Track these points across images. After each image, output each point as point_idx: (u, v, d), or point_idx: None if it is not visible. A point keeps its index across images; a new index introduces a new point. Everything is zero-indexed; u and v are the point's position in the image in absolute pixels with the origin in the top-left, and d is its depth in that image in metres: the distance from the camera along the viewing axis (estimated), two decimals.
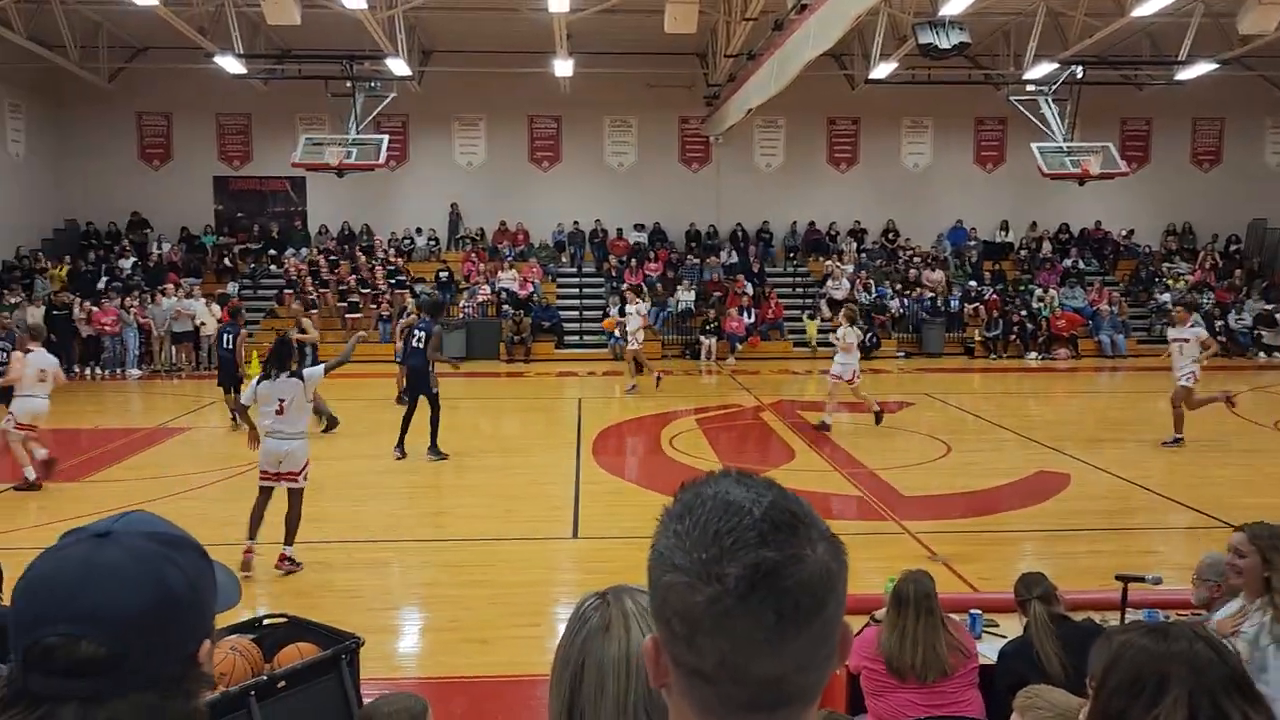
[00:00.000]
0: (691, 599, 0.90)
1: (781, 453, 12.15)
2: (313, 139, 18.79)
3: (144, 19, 19.51)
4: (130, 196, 24.74)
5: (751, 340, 22.13)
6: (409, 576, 7.67)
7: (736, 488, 0.96)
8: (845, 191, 26.20)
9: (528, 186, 25.80)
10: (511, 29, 21.68)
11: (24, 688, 0.94)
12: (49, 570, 0.98)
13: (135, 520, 1.07)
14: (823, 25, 12.88)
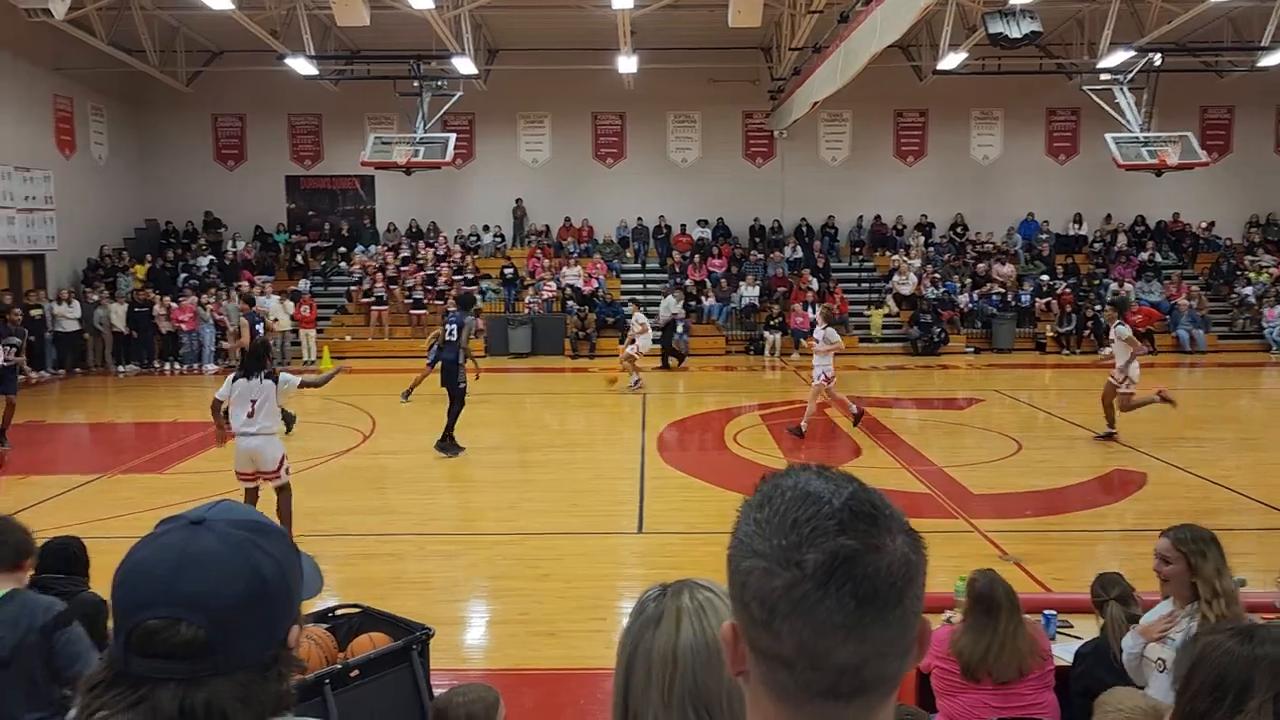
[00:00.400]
0: (770, 584, 0.92)
1: (848, 449, 12.04)
2: (381, 138, 19.08)
3: (219, 23, 20.02)
4: (206, 196, 25.41)
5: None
6: (479, 569, 7.76)
7: (816, 479, 0.98)
8: (912, 185, 25.84)
9: (592, 183, 25.91)
10: (576, 26, 21.79)
11: (125, 669, 0.98)
12: (148, 556, 1.02)
13: (226, 508, 1.11)
14: (890, 17, 12.71)
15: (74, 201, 22.27)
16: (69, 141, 22.54)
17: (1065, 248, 24.93)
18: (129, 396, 15.56)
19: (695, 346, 21.79)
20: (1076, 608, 4.77)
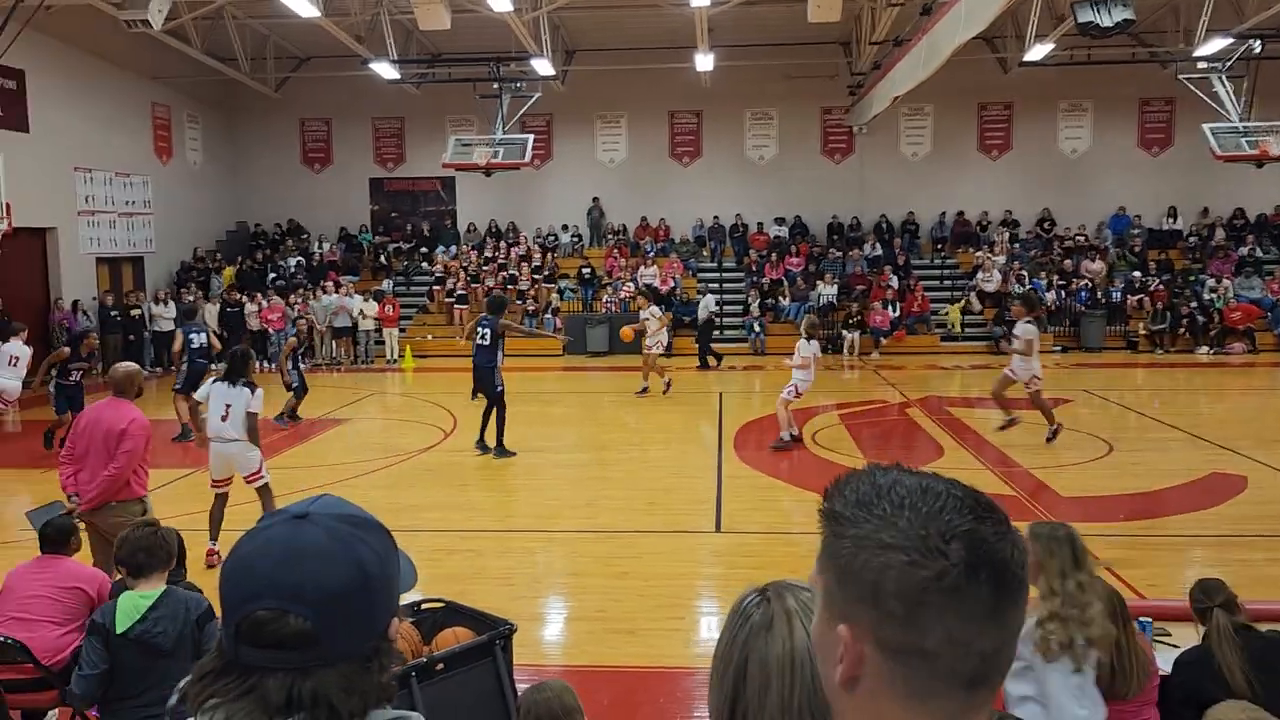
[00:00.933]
0: (915, 576, 0.91)
1: (929, 450, 11.82)
2: (462, 140, 19.35)
3: (307, 30, 20.56)
4: (294, 199, 26.12)
5: (896, 334, 21.61)
6: (557, 566, 7.82)
7: (910, 476, 0.99)
8: (997, 179, 25.27)
9: (668, 182, 25.92)
10: (653, 25, 21.82)
11: (235, 659, 1.01)
12: (255, 550, 1.04)
13: (328, 503, 1.13)
14: (975, 7, 12.44)
15: (170, 205, 23.11)
16: (166, 148, 23.38)
17: (1158, 243, 24.11)
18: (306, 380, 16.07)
19: (772, 346, 21.61)
20: (1172, 615, 4.60)
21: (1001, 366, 19.44)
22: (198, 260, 23.77)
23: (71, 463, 6.16)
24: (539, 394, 16.71)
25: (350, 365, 21.16)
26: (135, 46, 20.40)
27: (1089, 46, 18.50)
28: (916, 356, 20.82)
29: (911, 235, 25.02)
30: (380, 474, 10.81)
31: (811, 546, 4.16)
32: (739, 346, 21.85)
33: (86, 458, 6.10)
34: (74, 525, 5.19)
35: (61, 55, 18.95)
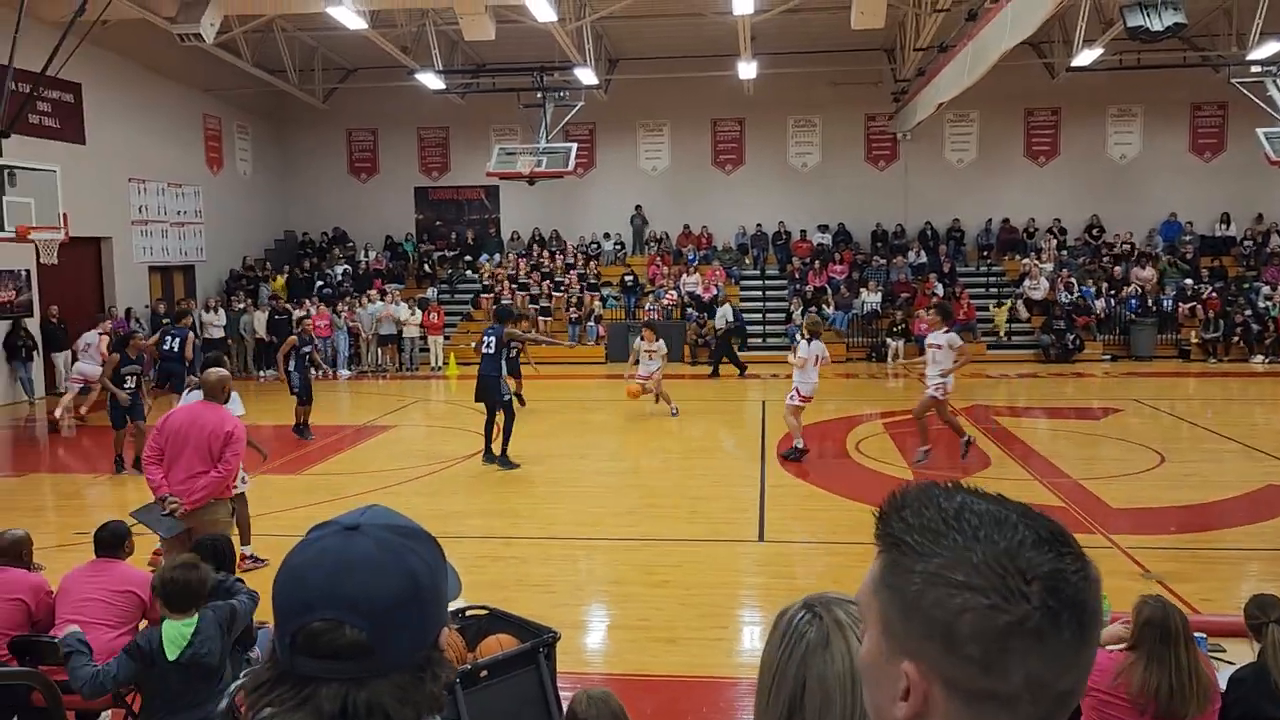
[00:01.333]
0: (996, 620, 0.86)
1: (976, 460, 11.68)
2: (506, 149, 19.48)
3: (354, 41, 20.86)
4: (340, 208, 26.48)
5: None
6: (599, 574, 7.84)
7: (976, 500, 0.93)
8: (1044, 186, 24.94)
9: (711, 189, 25.91)
10: (695, 34, 21.84)
11: (290, 669, 1.02)
12: (309, 561, 1.06)
13: (378, 514, 1.14)
14: (1021, 13, 12.31)
15: (220, 215, 23.55)
16: (216, 158, 23.82)
17: (1211, 249, 23.64)
18: (268, 400, 16.31)
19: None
20: (1227, 631, 4.51)
21: (1051, 375, 19.24)
22: (247, 269, 24.18)
23: (158, 463, 6.26)
24: (580, 401, 16.77)
25: (395, 372, 21.38)
26: (188, 60, 20.83)
27: (1139, 51, 18.19)
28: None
29: (957, 242, 24.77)
30: (424, 481, 10.91)
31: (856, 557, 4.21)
32: (782, 354, 21.73)
33: (179, 459, 6.20)
34: (128, 529, 5.30)
35: (117, 69, 19.40)
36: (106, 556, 5.12)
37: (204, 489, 6.22)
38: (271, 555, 7.74)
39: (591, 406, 16.88)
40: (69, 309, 18.15)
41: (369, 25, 17.86)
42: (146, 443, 6.39)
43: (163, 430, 6.33)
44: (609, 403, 17.40)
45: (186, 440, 6.21)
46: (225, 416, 6.37)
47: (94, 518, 7.24)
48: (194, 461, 6.19)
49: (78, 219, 13.18)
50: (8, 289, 17.21)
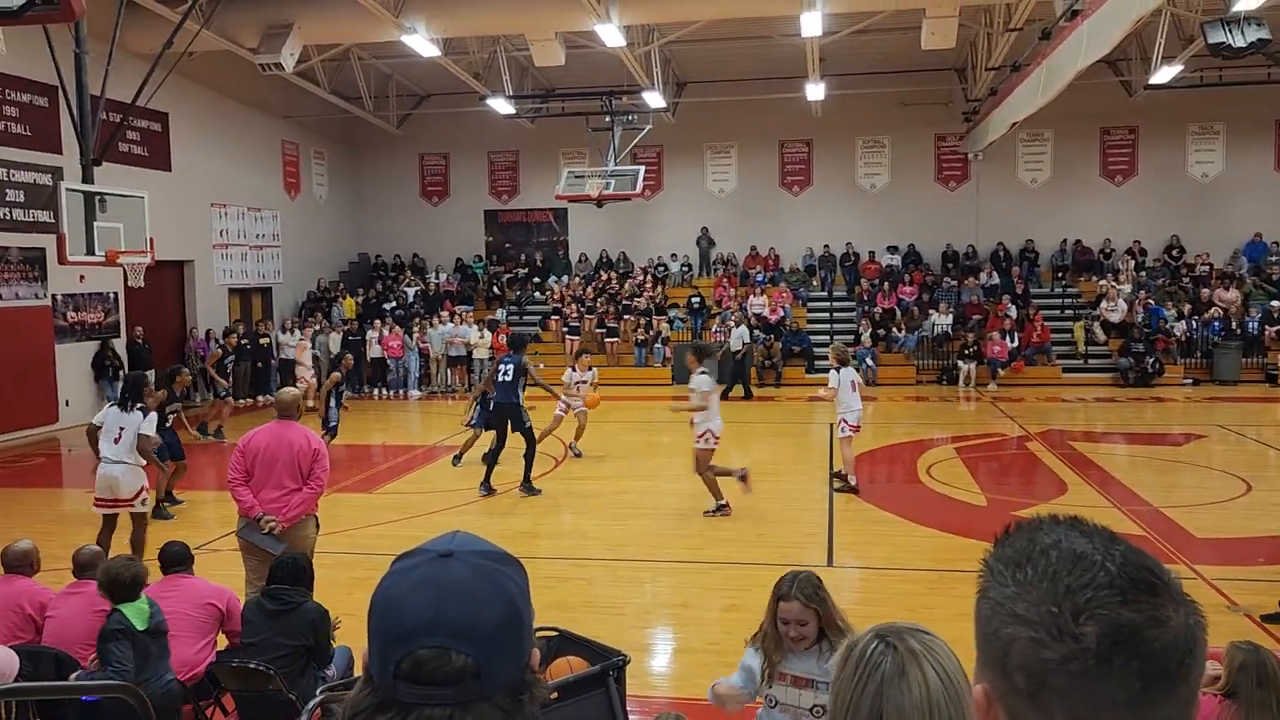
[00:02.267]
0: (1040, 655, 0.86)
1: (1051, 486, 11.42)
2: (574, 172, 19.71)
3: (427, 68, 21.34)
4: (412, 231, 26.99)
5: (1015, 365, 20.98)
6: (667, 596, 7.82)
7: (1080, 538, 0.92)
8: (1121, 206, 24.38)
9: (778, 211, 25.84)
10: (763, 56, 21.89)
11: (393, 696, 1.04)
12: (409, 590, 1.07)
13: (465, 540, 1.16)
14: (1097, 31, 12.09)
15: (297, 238, 24.17)
16: (294, 183, 24.48)
17: None
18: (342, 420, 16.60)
19: (884, 376, 21.26)
20: None
21: (1130, 399, 18.74)
22: (322, 291, 24.75)
23: (245, 484, 6.38)
24: (647, 423, 16.79)
25: (465, 393, 21.63)
26: (268, 88, 21.52)
27: (1220, 67, 17.74)
28: (1036, 388, 20.16)
29: (1030, 263, 24.32)
30: (492, 501, 11.01)
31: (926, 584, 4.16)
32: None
33: (269, 478, 6.33)
34: (188, 548, 5.46)
35: (201, 98, 20.09)
36: (178, 573, 5.27)
37: (300, 506, 6.37)
38: (342, 572, 7.88)
39: (659, 428, 16.86)
40: (153, 330, 18.78)
41: (442, 52, 18.24)
42: (230, 465, 6.47)
43: (246, 452, 6.43)
44: (676, 424, 17.37)
45: (275, 459, 6.34)
46: (309, 434, 6.52)
47: (165, 535, 7.45)
48: (284, 479, 6.33)
49: (163, 243, 13.65)
50: (97, 311, 17.86)
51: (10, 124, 15.80)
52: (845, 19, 17.81)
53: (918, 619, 5.70)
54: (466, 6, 16.75)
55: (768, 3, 16.23)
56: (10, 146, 15.74)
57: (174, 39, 12.85)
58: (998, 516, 9.84)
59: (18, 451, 14.90)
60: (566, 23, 16.85)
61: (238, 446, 6.55)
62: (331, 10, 16.39)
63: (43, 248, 16.05)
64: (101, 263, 11.58)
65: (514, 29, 18.24)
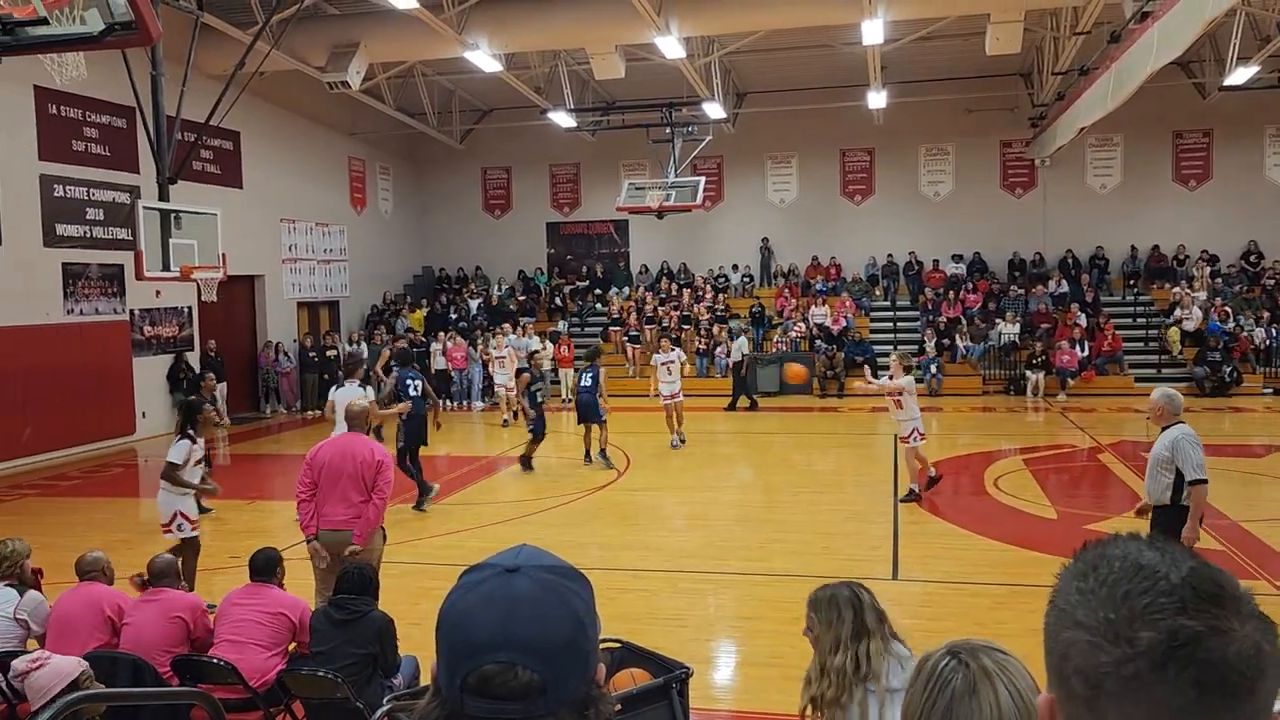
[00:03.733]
0: (1095, 659, 0.87)
1: (1125, 498, 11.11)
2: (635, 184, 19.79)
3: (489, 83, 21.62)
4: (475, 244, 27.32)
5: (1085, 375, 20.51)
6: (729, 608, 7.78)
7: (1149, 551, 0.92)
8: (1195, 211, 23.72)
9: (840, 220, 25.64)
10: (824, 65, 21.77)
11: (460, 709, 1.05)
12: (476, 604, 1.08)
13: (532, 554, 1.16)
14: (1168, 33, 11.80)
15: (363, 252, 24.64)
16: (360, 199, 24.96)
17: None
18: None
19: (949, 386, 20.93)
20: None
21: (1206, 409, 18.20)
22: (387, 303, 25.16)
23: (311, 499, 6.44)
24: (709, 434, 16.75)
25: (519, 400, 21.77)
26: (335, 106, 22.00)
27: None
28: (1108, 398, 19.68)
29: (1100, 271, 23.78)
30: (555, 512, 11.07)
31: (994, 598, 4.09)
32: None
33: (334, 491, 6.39)
34: (279, 556, 5.56)
35: (271, 116, 20.60)
36: (262, 581, 5.39)
37: (375, 519, 6.46)
38: (409, 581, 8.00)
39: (719, 439, 16.84)
40: (225, 343, 19.27)
41: (504, 68, 18.46)
42: (299, 479, 6.55)
43: (313, 465, 6.50)
44: (736, 434, 17.33)
45: (341, 473, 6.41)
46: (374, 446, 6.60)
47: (246, 543, 7.62)
48: (350, 493, 6.40)
49: (235, 258, 14.01)
50: (172, 325, 18.37)
51: (91, 145, 16.37)
52: (907, 26, 17.65)
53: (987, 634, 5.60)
54: (528, 22, 16.94)
55: (828, 11, 16.13)
56: (91, 166, 16.31)
57: (245, 60, 13.18)
58: (1069, 530, 9.63)
59: (98, 462, 15.38)
60: (626, 35, 16.94)
61: (305, 460, 6.62)
62: (396, 29, 16.69)
63: (121, 264, 16.59)
64: (176, 278, 11.90)
65: (574, 43, 18.39)
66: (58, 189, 15.74)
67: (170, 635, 5.12)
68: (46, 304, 15.57)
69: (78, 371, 15.95)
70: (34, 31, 5.21)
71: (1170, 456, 6.25)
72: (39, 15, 5.21)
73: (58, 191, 15.74)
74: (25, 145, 15.15)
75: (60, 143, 15.78)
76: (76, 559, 5.51)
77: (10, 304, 14.83)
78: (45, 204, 15.52)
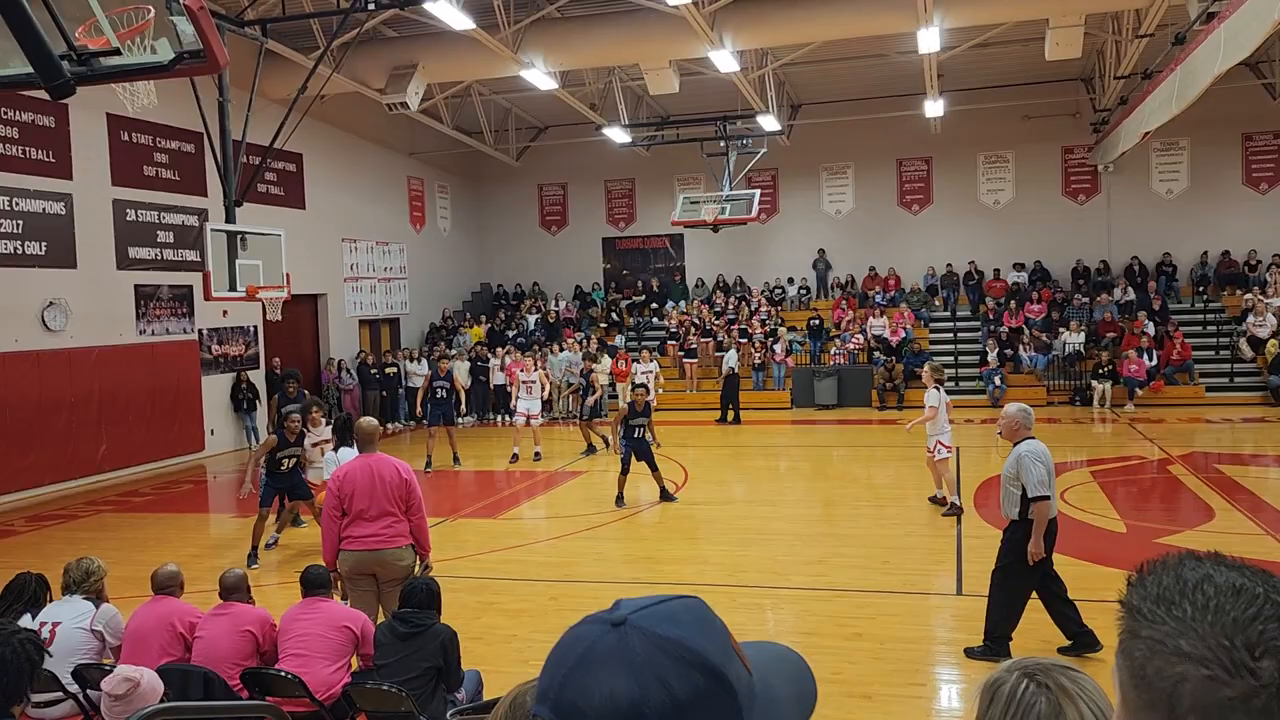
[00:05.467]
0: (1215, 694, 0.82)
1: (1198, 512, 10.83)
2: (690, 198, 19.81)
3: (545, 101, 21.85)
4: (532, 260, 27.58)
5: (1154, 385, 20.01)
6: (790, 624, 7.71)
7: (1228, 571, 0.89)
8: (1267, 215, 23.05)
9: (897, 231, 25.40)
10: (879, 74, 21.63)
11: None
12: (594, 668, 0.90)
13: (644, 616, 0.94)
14: (1236, 34, 11.51)
15: (422, 270, 24.99)
16: (419, 217, 25.34)
17: None
18: (468, 446, 17.02)
19: (1012, 397, 20.50)
20: None
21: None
22: (446, 320, 25.47)
23: (339, 520, 6.33)
24: (767, 447, 16.66)
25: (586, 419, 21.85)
26: (394, 126, 22.40)
27: None
28: (1178, 408, 19.17)
29: (1168, 278, 23.22)
30: (613, 525, 11.09)
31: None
32: (977, 399, 20.92)
33: (369, 509, 6.29)
34: (328, 571, 5.64)
35: (332, 138, 21.03)
36: (317, 595, 5.48)
37: (426, 532, 6.49)
38: (469, 596, 8.07)
39: (778, 452, 16.74)
40: (289, 361, 19.62)
41: (559, 85, 18.64)
42: (325, 505, 6.42)
43: (342, 491, 6.34)
44: (795, 448, 17.21)
45: (374, 491, 6.30)
46: (398, 464, 6.45)
47: (305, 560, 7.75)
48: (383, 513, 6.29)
49: (298, 278, 14.32)
50: (238, 344, 18.81)
51: (161, 170, 16.86)
52: (964, 33, 17.46)
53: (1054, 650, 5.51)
54: (582, 40, 17.10)
55: (883, 20, 16.03)
56: (161, 191, 16.80)
57: (308, 83, 13.49)
58: (1139, 544, 9.39)
59: (169, 478, 15.77)
60: (680, 51, 17.01)
61: (329, 486, 6.46)
62: (453, 49, 16.96)
63: (190, 285, 17.04)
64: (242, 298, 12.18)
65: (628, 59, 18.51)
66: (130, 213, 16.23)
67: (240, 648, 5.22)
68: (120, 325, 16.05)
69: (149, 390, 16.40)
70: (107, 62, 5.38)
71: (1016, 474, 6.42)
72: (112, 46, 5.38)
73: (129, 216, 16.24)
74: (99, 172, 15.67)
75: (132, 168, 16.29)
76: (152, 573, 5.65)
77: (85, 325, 15.31)
78: (118, 228, 16.01)
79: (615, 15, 16.72)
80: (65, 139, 15.09)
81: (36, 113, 14.56)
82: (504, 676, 5.97)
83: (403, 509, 6.36)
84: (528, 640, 7.16)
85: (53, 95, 4.80)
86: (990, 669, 1.42)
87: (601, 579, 8.99)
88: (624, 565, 9.44)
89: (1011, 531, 6.57)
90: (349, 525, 6.29)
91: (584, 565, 9.52)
